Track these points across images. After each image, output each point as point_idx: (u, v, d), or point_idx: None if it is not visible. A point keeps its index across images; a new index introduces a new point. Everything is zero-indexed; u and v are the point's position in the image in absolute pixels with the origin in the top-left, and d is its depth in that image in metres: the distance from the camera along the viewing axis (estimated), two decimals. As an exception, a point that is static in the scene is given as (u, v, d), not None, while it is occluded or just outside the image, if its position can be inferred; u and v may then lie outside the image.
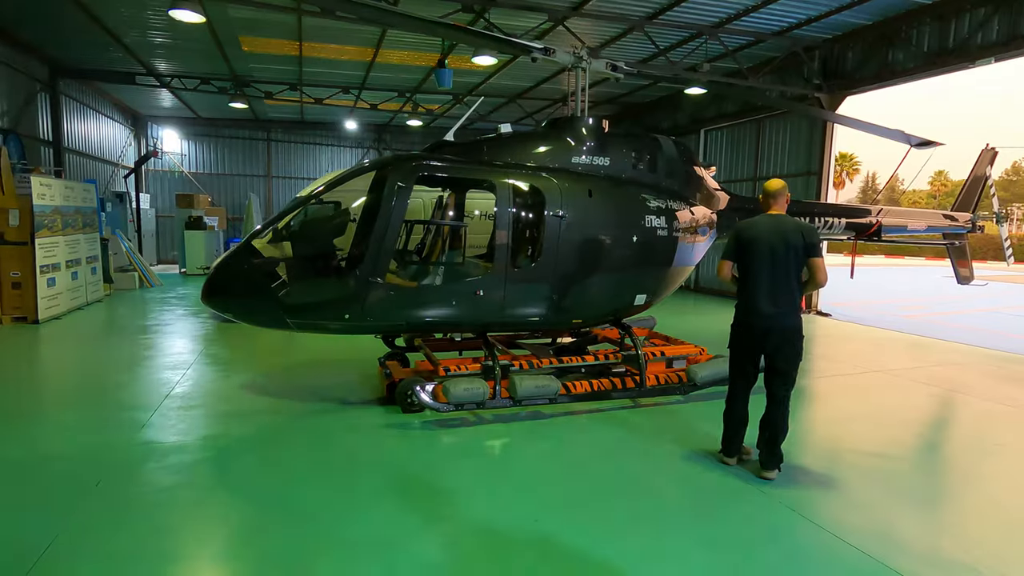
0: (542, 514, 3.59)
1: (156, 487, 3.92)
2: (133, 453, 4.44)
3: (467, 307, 5.25)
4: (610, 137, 5.97)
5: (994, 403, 6.29)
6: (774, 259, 4.02)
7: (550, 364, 5.68)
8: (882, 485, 4.17)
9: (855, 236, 8.44)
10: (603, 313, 5.93)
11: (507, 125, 5.95)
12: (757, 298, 4.09)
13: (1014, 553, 3.29)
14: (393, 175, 5.11)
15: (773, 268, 4.03)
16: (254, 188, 21.51)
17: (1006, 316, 13.74)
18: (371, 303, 5.01)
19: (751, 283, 4.13)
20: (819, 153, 12.20)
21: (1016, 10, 8.69)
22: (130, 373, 6.72)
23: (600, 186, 5.64)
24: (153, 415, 5.26)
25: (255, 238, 5.34)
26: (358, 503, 3.71)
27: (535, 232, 5.53)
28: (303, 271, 5.48)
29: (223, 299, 5.26)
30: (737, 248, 4.21)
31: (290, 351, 8.21)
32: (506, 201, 5.26)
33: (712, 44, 11.45)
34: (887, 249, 41.57)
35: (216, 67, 14.30)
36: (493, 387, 5.23)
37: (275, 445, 4.69)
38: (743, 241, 4.18)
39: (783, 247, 4.01)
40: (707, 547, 3.28)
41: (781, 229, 4.06)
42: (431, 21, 5.50)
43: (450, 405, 5.10)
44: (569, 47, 5.82)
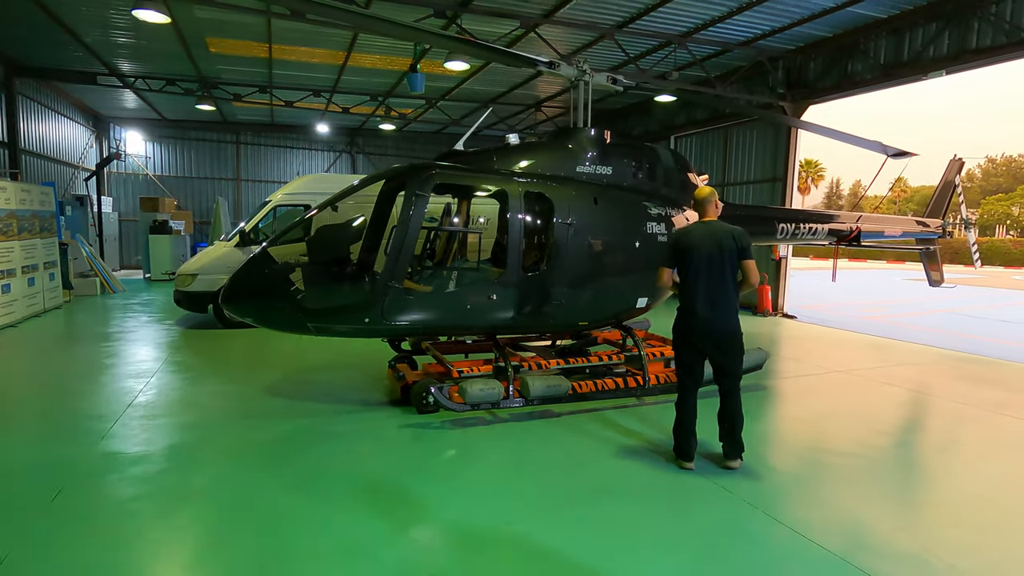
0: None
1: (117, 499, 3.81)
2: (93, 465, 4.31)
3: (480, 310, 5.45)
4: (612, 147, 6.21)
5: (950, 401, 6.55)
6: (710, 264, 4.21)
7: (557, 365, 5.89)
8: (842, 482, 4.32)
9: (836, 242, 8.85)
10: (607, 315, 6.14)
11: (514, 136, 6.14)
12: (696, 302, 4.26)
13: (963, 543, 3.44)
14: (411, 183, 5.32)
15: (710, 273, 4.21)
16: (222, 191, 21.06)
17: (962, 317, 14.33)
18: (389, 307, 5.16)
19: (690, 288, 4.29)
20: (784, 160, 12.56)
21: (965, 26, 9.13)
22: (90, 382, 6.51)
23: (604, 194, 5.90)
24: (114, 425, 5.11)
25: (273, 244, 5.52)
26: (329, 510, 3.67)
27: (545, 238, 5.76)
28: (323, 276, 5.67)
29: (243, 304, 5.34)
30: (675, 255, 4.38)
31: (260, 357, 8.07)
32: (518, 208, 5.48)
33: (681, 53, 11.70)
34: (850, 253, 42.94)
35: (182, 68, 13.99)
36: (506, 387, 5.42)
37: (244, 454, 4.60)
38: (680, 249, 4.34)
39: (718, 252, 4.20)
40: (673, 546, 3.34)
41: (715, 235, 4.26)
42: (437, 34, 5.69)
43: (466, 405, 5.30)
44: (572, 61, 6.04)
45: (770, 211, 8.64)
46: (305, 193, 10.26)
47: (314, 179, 10.97)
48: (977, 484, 4.39)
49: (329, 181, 11.32)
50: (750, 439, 4.93)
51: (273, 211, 10.21)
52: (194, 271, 9.63)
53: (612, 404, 5.90)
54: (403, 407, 5.67)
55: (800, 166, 33.92)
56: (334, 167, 22.38)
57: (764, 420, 5.77)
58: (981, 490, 4.26)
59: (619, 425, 5.36)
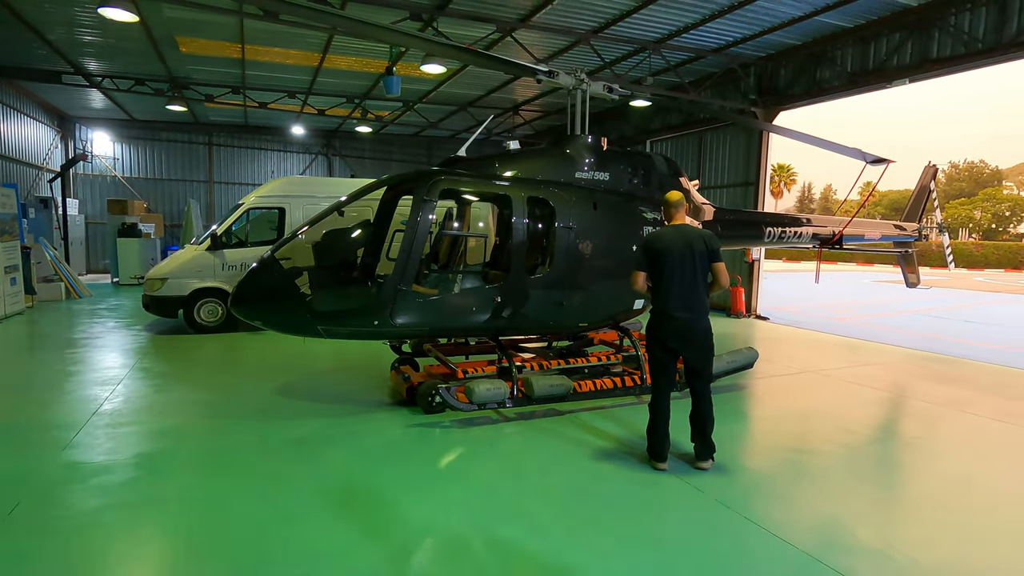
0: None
1: (79, 511, 3.69)
2: (54, 475, 4.17)
3: (485, 313, 5.59)
4: (608, 154, 6.42)
5: (915, 400, 6.75)
6: (683, 267, 4.29)
7: (559, 365, 6.11)
8: (811, 480, 4.41)
9: (819, 245, 9.20)
10: (606, 317, 6.33)
11: (515, 142, 6.30)
12: (671, 304, 4.33)
13: (924, 538, 3.55)
14: (419, 189, 5.44)
15: (683, 275, 4.30)
16: (194, 194, 20.63)
17: (927, 318, 14.77)
18: (398, 310, 5.30)
19: (664, 290, 4.35)
20: (756, 164, 12.82)
21: (926, 36, 9.45)
22: (53, 390, 6.30)
23: (603, 199, 6.11)
24: (78, 434, 4.95)
25: (280, 248, 5.60)
26: (302, 518, 3.61)
27: (548, 242, 5.91)
28: (333, 280, 5.80)
29: (252, 307, 5.41)
30: (648, 259, 4.43)
31: (233, 362, 7.93)
32: (522, 214, 5.66)
33: (655, 59, 11.87)
34: (825, 256, 43.91)
35: (152, 68, 13.68)
36: (511, 387, 5.54)
37: (215, 462, 4.50)
38: (653, 252, 4.40)
39: (690, 255, 4.29)
40: (646, 547, 3.37)
41: (687, 238, 4.35)
42: (440, 43, 5.73)
43: (473, 405, 5.41)
44: (570, 71, 6.22)
45: (758, 215, 8.94)
46: (280, 196, 10.11)
47: (289, 181, 10.81)
48: (939, 481, 4.53)
49: (305, 184, 11.21)
50: (723, 439, 5.01)
51: (246, 214, 10.03)
52: (164, 275, 9.41)
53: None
54: (390, 408, 5.62)
55: (772, 170, 34.56)
56: (310, 169, 22.11)
57: (737, 420, 5.86)
58: (943, 486, 4.40)
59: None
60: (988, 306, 17.87)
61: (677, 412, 4.60)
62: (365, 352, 8.21)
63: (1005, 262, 42.86)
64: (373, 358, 7.95)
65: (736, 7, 9.50)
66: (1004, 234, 66.68)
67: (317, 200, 10.26)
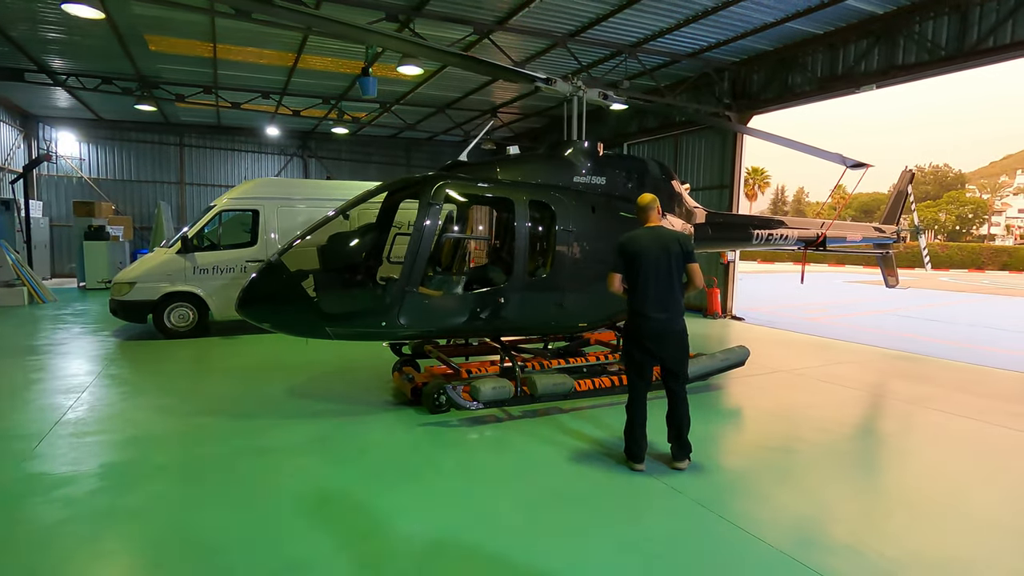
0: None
1: (39, 524, 3.55)
2: (13, 488, 4.01)
3: (490, 314, 5.71)
4: (604, 158, 6.60)
5: (884, 398, 6.92)
6: (659, 268, 4.34)
7: (559, 365, 6.28)
8: (785, 478, 4.47)
9: (804, 247, 9.46)
10: (604, 317, 6.47)
11: (515, 147, 6.39)
12: (648, 305, 4.36)
13: (892, 532, 3.63)
14: (425, 193, 5.52)
15: (659, 277, 4.34)
16: (165, 196, 20.15)
17: (896, 317, 15.17)
18: (405, 311, 5.37)
19: (641, 292, 4.38)
20: (731, 167, 13.02)
21: (892, 43, 9.72)
22: (13, 399, 6.07)
23: (601, 203, 6.28)
24: (39, 444, 4.78)
25: (287, 251, 5.63)
26: (271, 528, 3.53)
27: (549, 245, 6.07)
28: (341, 282, 5.91)
29: (260, 309, 5.45)
30: (624, 261, 4.45)
31: (205, 368, 7.75)
32: (524, 217, 5.79)
33: (631, 62, 11.99)
34: (794, 257, 44.92)
35: (119, 66, 13.32)
36: (515, 386, 5.67)
37: (185, 471, 4.38)
38: (629, 254, 4.43)
39: (665, 256, 4.34)
40: (625, 548, 3.38)
41: (662, 240, 4.40)
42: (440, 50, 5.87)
43: (478, 404, 5.60)
44: (568, 78, 6.40)
45: (747, 219, 9.17)
46: (253, 198, 9.92)
47: (263, 183, 10.63)
48: (908, 477, 4.64)
49: (279, 185, 11.03)
50: (700, 439, 5.06)
51: (219, 216, 9.83)
52: (132, 279, 9.16)
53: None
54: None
55: (747, 173, 34.88)
56: (285, 171, 21.78)
57: (713, 420, 5.93)
58: (911, 482, 4.51)
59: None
60: (953, 305, 18.44)
61: (654, 413, 4.63)
62: (340, 355, 8.10)
63: (968, 262, 44.33)
64: (346, 361, 7.86)
65: (710, 12, 9.65)
66: (968, 235, 69.05)
67: (293, 202, 10.12)
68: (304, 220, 10.14)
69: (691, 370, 6.41)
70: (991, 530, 3.70)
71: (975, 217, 71.89)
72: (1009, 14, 8.26)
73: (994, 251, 47.53)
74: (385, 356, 8.16)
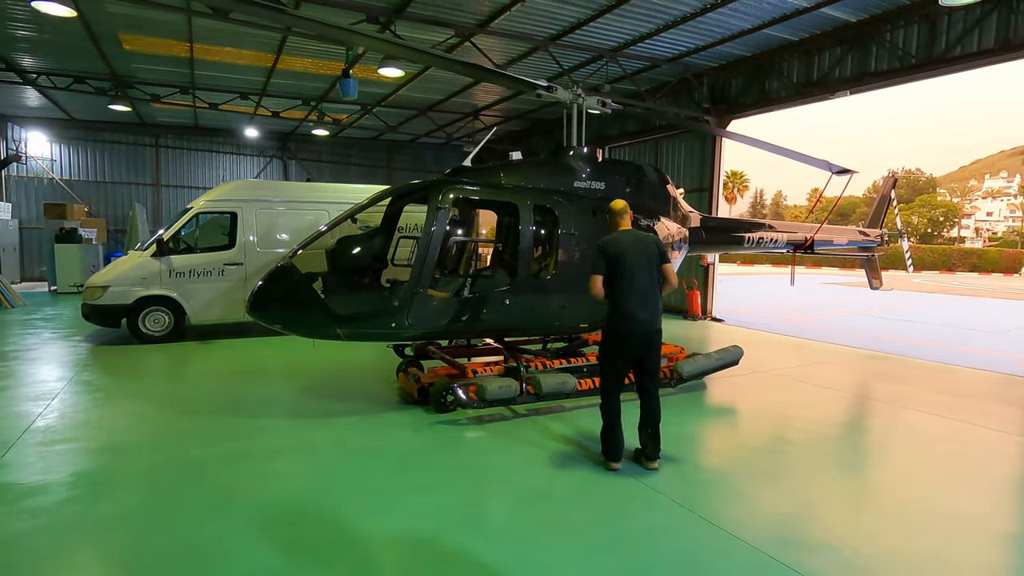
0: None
1: (5, 536, 3.44)
2: (-22, 499, 3.88)
3: (495, 315, 5.86)
4: (604, 164, 6.77)
5: (859, 397, 7.06)
6: (640, 269, 4.43)
7: (561, 365, 6.42)
8: (762, 477, 4.53)
9: (793, 250, 9.71)
10: (604, 318, 6.46)
11: (517, 153, 6.53)
12: (632, 306, 4.43)
13: (866, 530, 3.70)
14: (433, 197, 5.65)
15: (642, 278, 4.43)
16: (141, 197, 19.74)
17: (870, 318, 15.51)
18: (414, 313, 5.50)
19: (624, 294, 4.44)
20: (710, 170, 13.20)
21: (864, 51, 9.96)
22: (-21, 407, 5.89)
23: (601, 207, 6.28)
24: (6, 453, 4.64)
25: (297, 254, 5.70)
26: (244, 538, 3.47)
27: (553, 247, 6.27)
28: (352, 285, 6.03)
29: (272, 311, 5.53)
30: (607, 263, 4.49)
31: (181, 373, 7.61)
32: (528, 220, 5.97)
33: (612, 67, 12.09)
34: (773, 259, 45.71)
35: (93, 65, 13.03)
36: (520, 385, 5.78)
37: (160, 479, 4.29)
38: (611, 257, 4.48)
39: (645, 258, 4.46)
40: (602, 548, 3.39)
41: (641, 242, 4.52)
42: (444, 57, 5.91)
43: (485, 403, 5.67)
44: (568, 86, 6.57)
45: (739, 223, 9.41)
46: (231, 200, 9.77)
47: (242, 185, 10.48)
48: (883, 474, 4.75)
49: (258, 187, 10.88)
50: (679, 439, 5.12)
51: (196, 218, 9.66)
52: (105, 283, 8.95)
53: None
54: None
55: (726, 177, 35.39)
56: (264, 173, 21.51)
57: (692, 420, 6.00)
58: (887, 480, 4.60)
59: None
60: (925, 306, 18.90)
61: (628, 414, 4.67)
62: (324, 359, 8.02)
63: (940, 264, 45.52)
64: (332, 364, 7.78)
65: (689, 18, 9.78)
66: (939, 237, 70.91)
67: (272, 204, 10.00)
68: (284, 223, 10.04)
69: (689, 369, 6.69)
70: (963, 526, 3.79)
71: (946, 220, 73.87)
72: (975, 23, 8.52)
73: (964, 253, 48.92)
74: (367, 359, 8.11)
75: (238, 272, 9.57)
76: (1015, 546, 3.64)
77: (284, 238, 9.99)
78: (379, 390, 6.75)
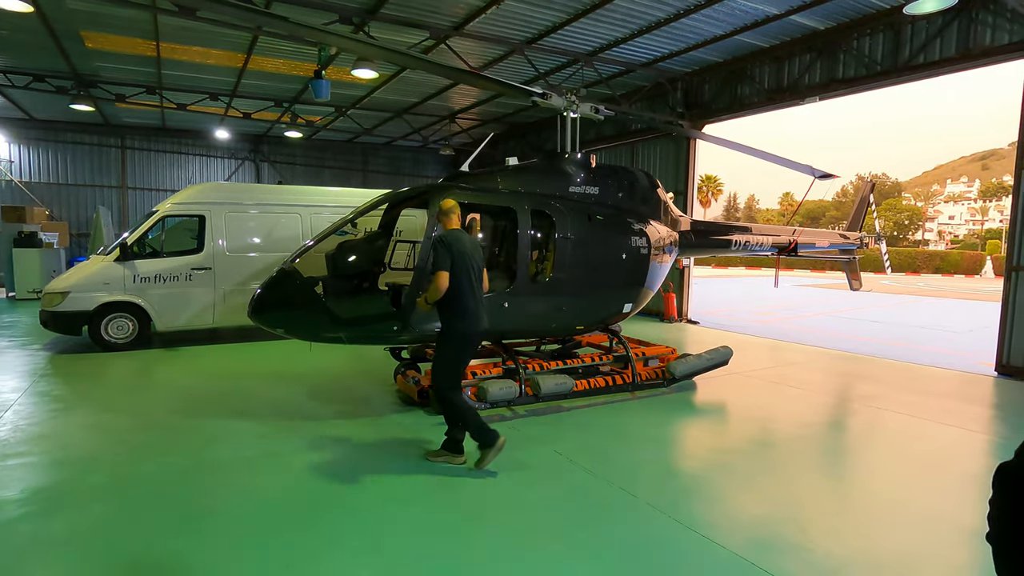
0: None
1: (-52, 559, 3.24)
2: (-80, 519, 3.65)
3: (495, 317, 5.77)
4: (597, 169, 6.90)
5: (833, 397, 7.17)
6: (477, 268, 4.52)
7: (558, 366, 6.57)
8: (737, 480, 4.54)
9: (777, 252, 9.93)
10: (599, 320, 6.82)
11: (514, 159, 6.60)
12: (476, 305, 4.51)
13: (839, 530, 3.73)
14: (434, 202, 5.60)
15: (478, 277, 4.52)
16: (106, 200, 19.11)
17: (841, 319, 15.84)
18: (417, 316, 5.49)
19: (468, 293, 4.44)
20: (684, 174, 13.35)
21: (833, 58, 10.19)
22: (-74, 421, 5.58)
23: (596, 212, 6.60)
24: (-47, 470, 4.38)
25: (297, 259, 5.81)
26: (215, 552, 3.33)
27: (549, 251, 6.37)
28: (354, 289, 6.08)
29: (274, 316, 5.56)
30: (453, 260, 4.37)
31: (145, 382, 7.34)
32: (527, 225, 6.07)
33: (588, 71, 12.14)
34: (746, 262, 46.57)
35: (53, 63, 12.58)
36: (520, 386, 6.00)
37: (120, 495, 4.10)
38: (456, 254, 4.39)
39: (479, 258, 4.58)
40: (577, 553, 3.34)
41: (474, 243, 4.62)
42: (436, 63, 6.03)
43: (485, 404, 5.85)
44: (563, 93, 6.70)
45: (726, 227, 9.54)
46: (199, 203, 9.50)
47: (210, 187, 10.20)
48: (856, 474, 4.81)
49: (227, 190, 10.59)
50: (655, 442, 5.10)
51: (162, 222, 9.35)
52: (64, 288, 8.61)
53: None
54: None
55: (701, 181, 35.69)
56: (236, 175, 21.05)
57: (668, 423, 6.01)
58: (860, 479, 4.67)
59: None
60: (892, 307, 19.41)
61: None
62: (294, 364, 7.84)
63: (905, 266, 46.91)
64: (310, 370, 7.61)
65: (663, 23, 9.88)
66: (904, 240, 73.15)
67: (243, 207, 9.76)
68: (255, 226, 9.81)
69: (682, 369, 6.97)
70: (933, 524, 3.85)
71: (911, 223, 76.28)
72: (938, 32, 8.78)
73: (928, 255, 50.51)
74: (341, 362, 7.95)
75: (207, 277, 9.30)
76: (981, 544, 3.70)
77: (256, 242, 9.76)
78: (375, 392, 6.61)
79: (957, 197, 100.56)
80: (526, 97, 6.33)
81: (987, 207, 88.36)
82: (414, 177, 23.03)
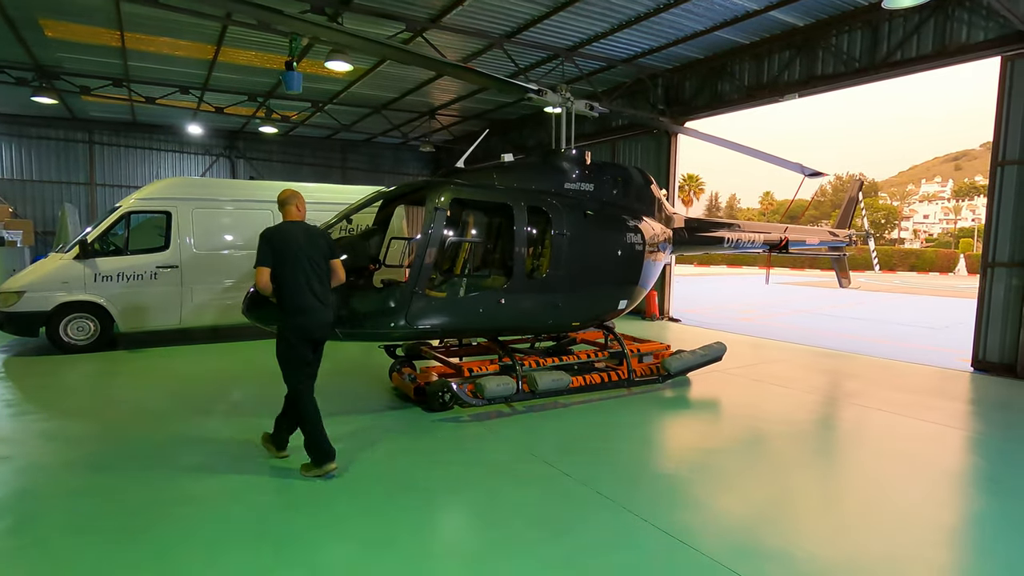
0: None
1: None
2: None
3: (491, 314, 5.94)
4: (592, 166, 6.87)
5: (815, 395, 7.10)
6: (310, 261, 4.29)
7: (555, 363, 6.56)
8: (717, 481, 4.41)
9: (768, 250, 9.96)
10: (595, 317, 6.83)
11: (509, 155, 6.64)
12: (308, 298, 4.28)
13: (823, 533, 3.61)
14: (431, 198, 5.69)
15: (314, 271, 4.31)
16: (73, 197, 18.49)
17: (821, 316, 15.94)
18: (413, 313, 5.54)
19: (298, 286, 4.24)
20: (666, 172, 13.27)
21: (812, 55, 10.17)
22: None
23: (592, 209, 6.55)
24: None
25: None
26: (171, 564, 3.09)
27: (546, 248, 6.33)
28: (351, 285, 5.82)
29: (267, 312, 5.22)
30: (273, 254, 4.20)
31: (106, 386, 7.01)
32: (523, 221, 6.04)
33: (568, 66, 11.99)
34: (727, 260, 46.99)
35: (11, 53, 12.06)
36: (517, 383, 5.95)
37: (72, 503, 3.82)
38: (278, 248, 4.23)
39: (316, 251, 4.32)
40: (552, 562, 3.17)
41: (310, 235, 4.35)
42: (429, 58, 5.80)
43: (484, 400, 5.82)
44: (558, 90, 6.62)
45: (719, 224, 9.49)
46: (164, 199, 9.13)
47: (177, 183, 9.83)
48: (838, 474, 4.72)
49: (195, 185, 10.22)
50: (634, 442, 4.95)
51: (126, 218, 8.96)
52: (20, 288, 8.21)
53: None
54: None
55: (683, 179, 35.98)
56: (211, 172, 20.52)
57: (647, 423, 5.88)
58: (842, 479, 4.57)
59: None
60: (870, 304, 19.63)
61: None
62: (255, 367, 7.56)
63: (882, 264, 47.70)
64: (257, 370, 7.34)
65: (643, 18, 9.76)
66: (880, 239, 74.57)
67: (211, 204, 9.42)
68: (226, 223, 9.47)
69: (676, 365, 7.00)
70: (917, 525, 3.75)
71: (887, 222, 77.78)
72: (914, 30, 8.79)
73: (904, 254, 51.49)
74: (334, 360, 7.68)
75: (173, 275, 8.95)
76: (962, 542, 3.62)
77: (227, 239, 9.43)
78: (371, 391, 6.35)
79: (931, 197, 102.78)
80: (521, 93, 6.25)
81: (960, 207, 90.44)
82: (394, 174, 22.70)
